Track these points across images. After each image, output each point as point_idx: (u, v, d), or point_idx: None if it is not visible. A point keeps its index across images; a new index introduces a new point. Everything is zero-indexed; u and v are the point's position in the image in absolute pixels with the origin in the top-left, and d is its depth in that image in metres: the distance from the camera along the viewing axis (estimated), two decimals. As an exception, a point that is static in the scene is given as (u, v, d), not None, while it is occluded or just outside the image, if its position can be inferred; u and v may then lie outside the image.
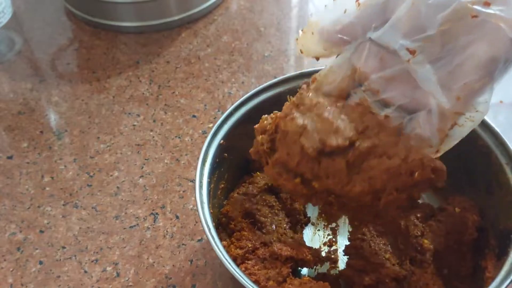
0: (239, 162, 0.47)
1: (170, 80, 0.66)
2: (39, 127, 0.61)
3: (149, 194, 0.54)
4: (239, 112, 0.45)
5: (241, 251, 0.41)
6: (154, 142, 0.59)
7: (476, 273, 0.41)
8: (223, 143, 0.43)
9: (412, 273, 0.41)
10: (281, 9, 0.78)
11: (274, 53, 0.70)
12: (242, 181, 0.48)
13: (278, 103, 0.41)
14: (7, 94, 0.65)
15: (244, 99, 0.45)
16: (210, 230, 0.37)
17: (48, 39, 0.73)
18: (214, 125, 0.43)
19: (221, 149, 0.43)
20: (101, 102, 0.64)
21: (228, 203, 0.46)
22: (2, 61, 0.69)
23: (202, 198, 0.39)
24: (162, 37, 0.73)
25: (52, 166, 0.57)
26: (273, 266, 0.41)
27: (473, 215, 0.42)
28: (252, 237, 0.43)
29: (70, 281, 0.47)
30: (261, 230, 0.44)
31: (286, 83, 0.46)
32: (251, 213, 0.45)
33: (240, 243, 0.42)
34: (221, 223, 0.45)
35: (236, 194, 0.47)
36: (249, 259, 0.41)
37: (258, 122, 0.41)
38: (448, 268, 0.42)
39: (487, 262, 0.39)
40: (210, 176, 0.41)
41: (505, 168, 0.39)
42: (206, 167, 0.41)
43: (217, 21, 0.75)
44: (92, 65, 0.68)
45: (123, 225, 0.51)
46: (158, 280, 0.47)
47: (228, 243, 0.43)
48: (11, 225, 0.51)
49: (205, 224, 0.37)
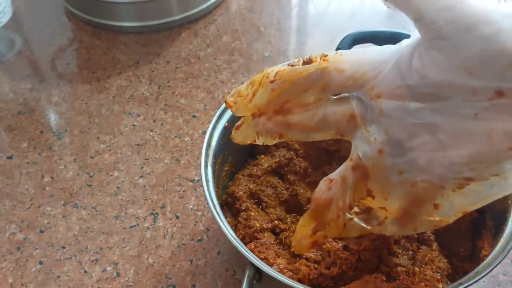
0: (243, 145, 0.48)
1: (170, 80, 0.66)
2: (39, 127, 0.61)
3: (149, 194, 0.54)
4: None
5: (250, 230, 0.42)
6: (154, 142, 0.59)
7: (474, 253, 0.42)
8: (227, 126, 0.44)
9: (418, 249, 0.42)
10: (281, 9, 0.78)
11: (274, 53, 0.70)
12: (247, 164, 0.49)
13: None
14: (7, 94, 0.65)
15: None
16: (215, 207, 0.38)
17: (48, 39, 0.73)
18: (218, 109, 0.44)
19: (226, 131, 0.44)
20: (101, 102, 0.64)
21: (233, 184, 0.47)
22: (2, 61, 0.69)
23: (208, 177, 0.40)
24: (162, 37, 0.73)
25: (52, 166, 0.57)
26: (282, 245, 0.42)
27: None
28: (259, 217, 0.44)
29: (70, 281, 0.47)
30: (265, 211, 0.45)
31: None
32: (256, 193, 0.46)
33: (248, 222, 0.43)
34: (227, 203, 0.46)
35: (240, 175, 0.47)
36: (258, 238, 0.42)
37: None
38: (448, 249, 0.43)
39: (484, 242, 0.40)
40: (215, 157, 0.42)
41: None
42: (211, 148, 0.42)
43: (217, 21, 0.75)
44: (92, 65, 0.68)
45: (123, 225, 0.51)
46: (158, 280, 0.47)
47: (235, 222, 0.44)
48: (11, 225, 0.51)
49: (210, 202, 0.38)
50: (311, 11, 0.79)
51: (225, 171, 0.47)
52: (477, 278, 0.34)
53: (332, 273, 0.40)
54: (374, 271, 0.41)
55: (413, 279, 0.39)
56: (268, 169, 0.47)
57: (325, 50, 0.48)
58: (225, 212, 0.45)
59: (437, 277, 0.40)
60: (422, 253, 0.41)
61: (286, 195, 0.46)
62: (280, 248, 0.42)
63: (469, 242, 0.43)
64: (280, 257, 0.41)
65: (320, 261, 0.41)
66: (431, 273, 0.40)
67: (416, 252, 0.42)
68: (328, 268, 0.40)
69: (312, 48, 0.72)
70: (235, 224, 0.44)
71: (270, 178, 0.47)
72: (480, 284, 0.47)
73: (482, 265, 0.36)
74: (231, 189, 0.46)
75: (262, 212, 0.45)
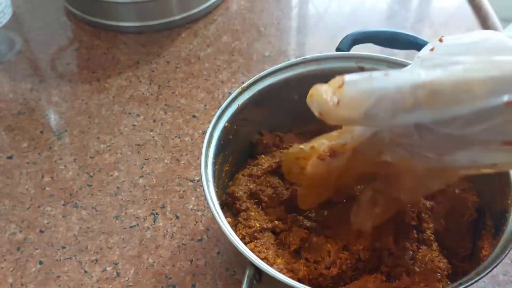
0: (243, 145, 0.49)
1: (170, 80, 0.66)
2: (39, 127, 0.61)
3: (149, 194, 0.54)
4: (244, 96, 0.45)
5: (250, 230, 0.42)
6: (154, 142, 0.59)
7: (474, 253, 0.42)
8: (227, 126, 0.44)
9: (418, 249, 0.42)
10: (281, 9, 0.78)
11: (274, 53, 0.70)
12: (247, 164, 0.49)
13: (284, 88, 0.41)
14: (7, 94, 0.65)
15: (250, 83, 0.46)
16: (215, 207, 0.38)
17: (48, 39, 0.73)
18: (218, 109, 0.44)
19: (226, 131, 0.44)
20: (101, 102, 0.64)
21: (233, 184, 0.47)
22: (2, 61, 0.69)
23: (208, 176, 0.40)
24: (162, 37, 0.72)
25: (52, 166, 0.57)
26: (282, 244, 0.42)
27: (472, 196, 0.43)
28: (259, 217, 0.44)
29: (70, 281, 0.47)
30: (265, 210, 0.45)
31: (291, 68, 0.47)
32: (256, 193, 0.46)
33: (248, 222, 0.43)
34: (227, 203, 0.46)
35: (240, 175, 0.47)
36: (258, 238, 0.42)
37: (263, 106, 0.42)
38: (448, 249, 0.43)
39: (484, 242, 0.40)
40: (215, 157, 0.42)
41: None
42: (211, 148, 0.42)
43: (217, 21, 0.75)
44: (92, 65, 0.68)
45: (123, 225, 0.51)
46: (158, 280, 0.47)
47: (235, 222, 0.44)
48: (11, 225, 0.51)
49: (210, 201, 0.38)
50: (311, 11, 0.79)
51: (225, 171, 0.47)
52: (477, 278, 0.34)
53: (332, 273, 0.40)
54: (374, 271, 0.41)
55: (413, 279, 0.39)
56: (268, 169, 0.47)
57: (325, 50, 0.48)
58: (225, 212, 0.45)
59: (437, 277, 0.40)
60: (422, 253, 0.41)
61: (286, 195, 0.46)
62: (280, 248, 0.42)
63: (469, 242, 0.43)
64: (280, 257, 0.41)
65: (320, 261, 0.41)
66: (431, 273, 0.40)
67: (416, 252, 0.42)
68: (328, 268, 0.40)
69: (312, 48, 0.72)
70: (235, 224, 0.44)
71: (270, 178, 0.47)
72: (480, 284, 0.47)
73: (482, 266, 0.36)
74: (231, 189, 0.46)
75: (262, 212, 0.45)
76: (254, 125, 0.43)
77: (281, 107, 0.48)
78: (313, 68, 0.47)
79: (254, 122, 0.43)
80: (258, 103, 0.45)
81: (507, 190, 0.40)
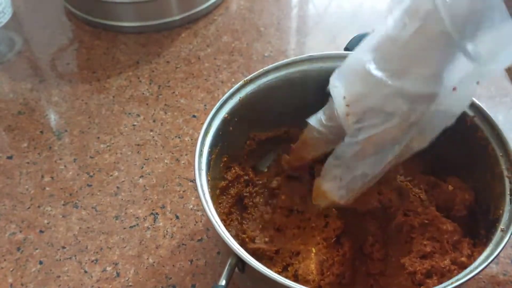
0: (241, 143, 0.48)
1: (170, 80, 0.66)
2: (39, 127, 0.61)
3: (149, 194, 0.54)
4: (245, 90, 0.45)
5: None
6: (154, 142, 0.59)
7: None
8: (227, 117, 0.44)
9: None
10: (281, 9, 0.78)
11: (274, 53, 0.70)
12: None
13: (286, 84, 0.42)
14: (7, 94, 0.65)
15: (253, 76, 0.46)
16: (205, 195, 0.37)
17: (48, 39, 0.73)
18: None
19: (225, 122, 0.44)
20: (101, 102, 0.64)
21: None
22: (2, 61, 0.69)
23: (201, 165, 0.40)
24: (162, 37, 0.73)
25: (52, 166, 0.57)
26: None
27: (464, 193, 0.43)
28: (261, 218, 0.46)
29: (70, 281, 0.47)
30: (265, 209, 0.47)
31: (294, 65, 0.47)
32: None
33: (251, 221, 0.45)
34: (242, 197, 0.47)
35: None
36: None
37: (263, 102, 0.45)
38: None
39: (474, 250, 0.40)
40: (212, 146, 0.42)
41: (499, 160, 0.40)
42: (208, 137, 0.42)
43: (217, 21, 0.75)
44: (92, 65, 0.68)
45: (123, 225, 0.51)
46: (158, 280, 0.47)
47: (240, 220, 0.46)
48: (11, 225, 0.51)
49: (200, 189, 0.38)
50: (311, 11, 0.79)
51: (223, 162, 0.46)
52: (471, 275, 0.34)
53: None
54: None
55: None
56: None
57: (325, 50, 0.49)
58: (235, 210, 0.46)
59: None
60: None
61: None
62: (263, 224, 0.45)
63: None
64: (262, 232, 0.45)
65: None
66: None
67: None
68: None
69: (312, 48, 0.72)
70: (240, 221, 0.45)
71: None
72: (480, 284, 0.47)
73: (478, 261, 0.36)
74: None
75: (263, 209, 0.46)
76: (255, 119, 0.43)
77: (283, 102, 0.48)
78: (318, 66, 0.47)
79: (255, 117, 0.43)
80: (260, 97, 0.45)
81: (502, 199, 0.39)
